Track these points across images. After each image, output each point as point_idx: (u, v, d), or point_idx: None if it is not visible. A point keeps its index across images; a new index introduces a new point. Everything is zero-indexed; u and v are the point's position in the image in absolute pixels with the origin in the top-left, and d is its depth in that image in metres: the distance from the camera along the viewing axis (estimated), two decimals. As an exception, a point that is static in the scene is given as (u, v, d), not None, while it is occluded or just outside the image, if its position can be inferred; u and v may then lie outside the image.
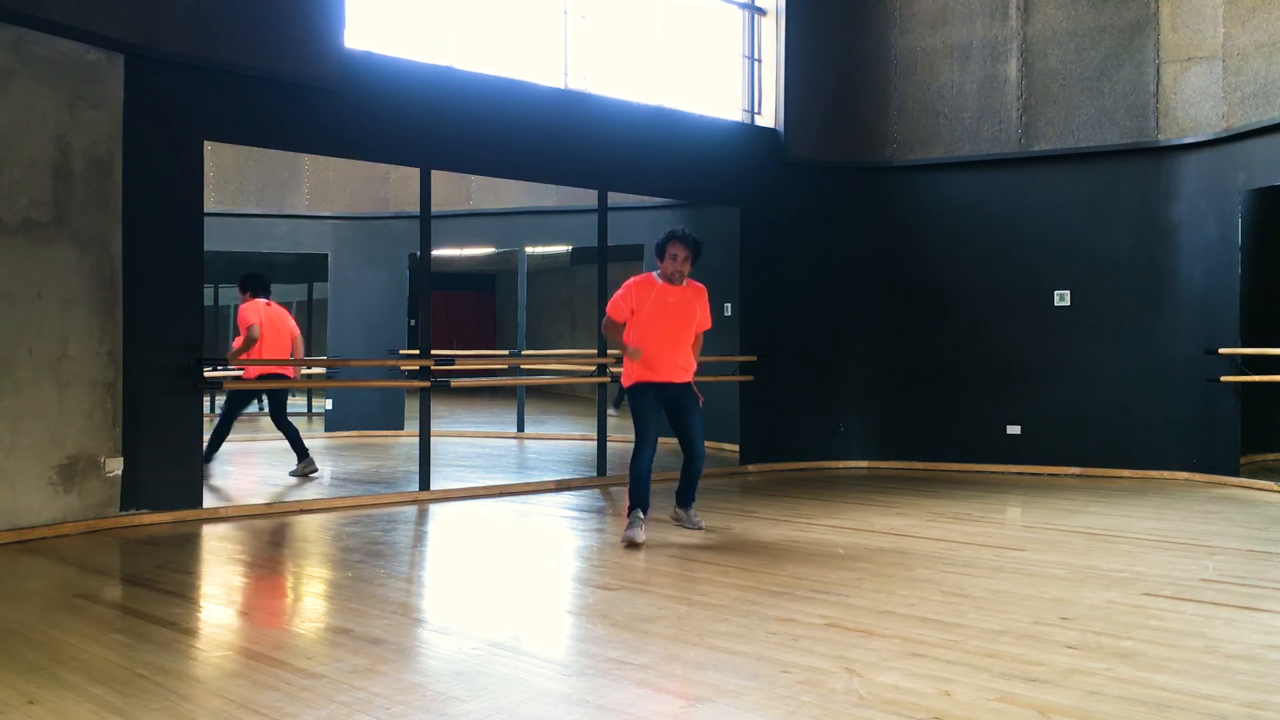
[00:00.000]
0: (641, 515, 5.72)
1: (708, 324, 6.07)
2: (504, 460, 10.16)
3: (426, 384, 7.57)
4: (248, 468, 9.19)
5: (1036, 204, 8.97)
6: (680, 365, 5.92)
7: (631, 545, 5.56)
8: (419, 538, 6.16)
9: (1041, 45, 8.88)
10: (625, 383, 5.92)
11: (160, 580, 4.82)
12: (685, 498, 6.14)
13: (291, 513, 6.74)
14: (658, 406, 5.88)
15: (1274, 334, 8.25)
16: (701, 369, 9.83)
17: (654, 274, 5.93)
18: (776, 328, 9.20)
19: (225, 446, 8.58)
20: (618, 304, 5.92)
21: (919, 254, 9.34)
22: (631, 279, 5.95)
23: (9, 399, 5.66)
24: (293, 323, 8.57)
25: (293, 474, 8.29)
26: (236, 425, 8.76)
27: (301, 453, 8.37)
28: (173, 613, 4.21)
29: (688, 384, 5.97)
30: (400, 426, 11.84)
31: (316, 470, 8.37)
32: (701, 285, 6.02)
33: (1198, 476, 8.32)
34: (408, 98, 7.29)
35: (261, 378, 8.29)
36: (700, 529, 6.07)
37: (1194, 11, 8.33)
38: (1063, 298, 8.85)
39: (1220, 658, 3.54)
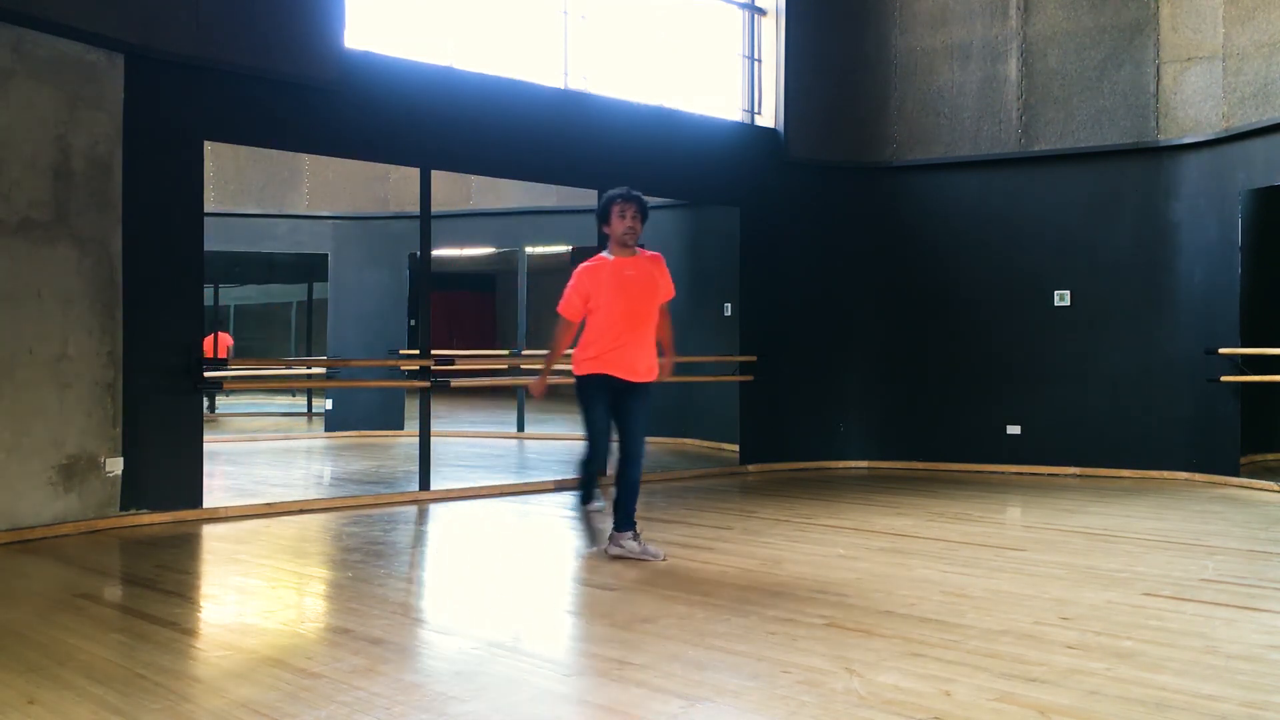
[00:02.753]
0: (600, 505, 5.37)
1: (671, 292, 5.31)
2: (504, 460, 10.16)
3: (426, 384, 7.57)
4: (247, 468, 9.19)
5: (1036, 204, 8.96)
6: (645, 362, 5.18)
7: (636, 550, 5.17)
8: (419, 538, 6.16)
9: (1041, 45, 8.88)
10: (578, 370, 5.21)
11: (160, 580, 4.82)
12: (626, 518, 5.24)
13: (291, 513, 6.74)
14: (610, 405, 5.22)
15: (1274, 334, 8.25)
16: (701, 369, 9.92)
17: (602, 254, 5.26)
18: (776, 328, 9.20)
19: (224, 446, 8.59)
20: (570, 300, 5.16)
21: (919, 254, 9.34)
22: (579, 268, 5.20)
23: (9, 399, 5.66)
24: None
25: None
26: (232, 426, 8.80)
27: None
28: (173, 613, 4.21)
29: (645, 384, 5.22)
30: (400, 426, 11.84)
31: None
32: (656, 253, 5.32)
33: (1198, 476, 8.32)
34: (408, 98, 7.29)
35: None
36: (661, 559, 5.16)
37: (1194, 11, 8.32)
38: (1063, 298, 8.85)
39: (1220, 658, 3.53)
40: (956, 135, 9.18)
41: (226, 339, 10.49)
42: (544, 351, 5.42)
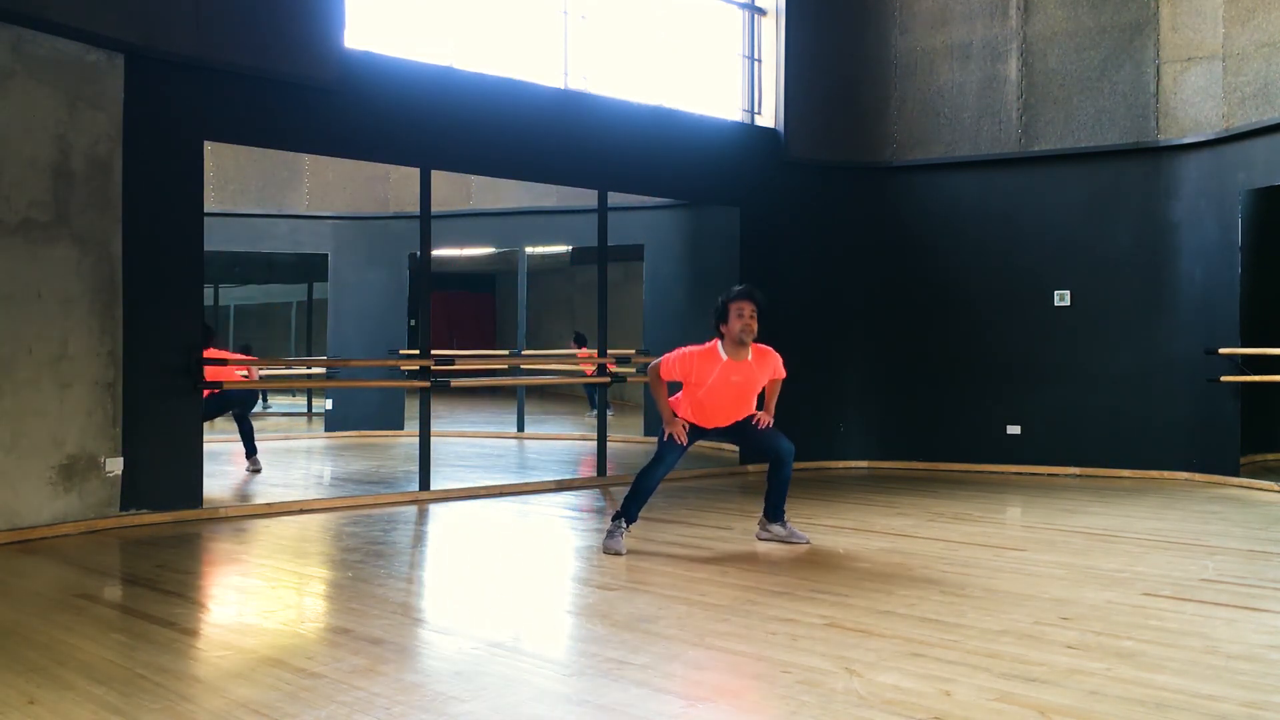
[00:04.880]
0: (625, 527, 5.46)
1: (782, 373, 5.69)
2: (504, 460, 10.15)
3: (426, 384, 7.57)
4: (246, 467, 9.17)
5: (1036, 204, 8.96)
6: (734, 419, 5.61)
7: (612, 555, 5.32)
8: (419, 538, 6.16)
9: (1041, 45, 8.88)
10: (676, 408, 5.54)
11: (160, 580, 4.82)
12: (775, 511, 5.70)
13: (291, 513, 6.74)
14: (690, 443, 5.57)
15: (1274, 334, 8.25)
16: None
17: (717, 346, 5.42)
18: (776, 328, 9.12)
19: (222, 446, 8.63)
20: (671, 366, 5.46)
21: (919, 254, 9.34)
22: (694, 349, 5.45)
23: (9, 399, 5.66)
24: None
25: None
26: (232, 426, 8.87)
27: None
28: (173, 613, 4.21)
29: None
30: (400, 426, 11.83)
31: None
32: (772, 352, 5.60)
33: (1198, 476, 8.32)
34: (408, 98, 7.29)
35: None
36: (806, 543, 5.61)
37: (1194, 11, 8.32)
38: (1063, 298, 8.84)
39: (1220, 658, 3.53)
40: (956, 135, 9.18)
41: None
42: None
